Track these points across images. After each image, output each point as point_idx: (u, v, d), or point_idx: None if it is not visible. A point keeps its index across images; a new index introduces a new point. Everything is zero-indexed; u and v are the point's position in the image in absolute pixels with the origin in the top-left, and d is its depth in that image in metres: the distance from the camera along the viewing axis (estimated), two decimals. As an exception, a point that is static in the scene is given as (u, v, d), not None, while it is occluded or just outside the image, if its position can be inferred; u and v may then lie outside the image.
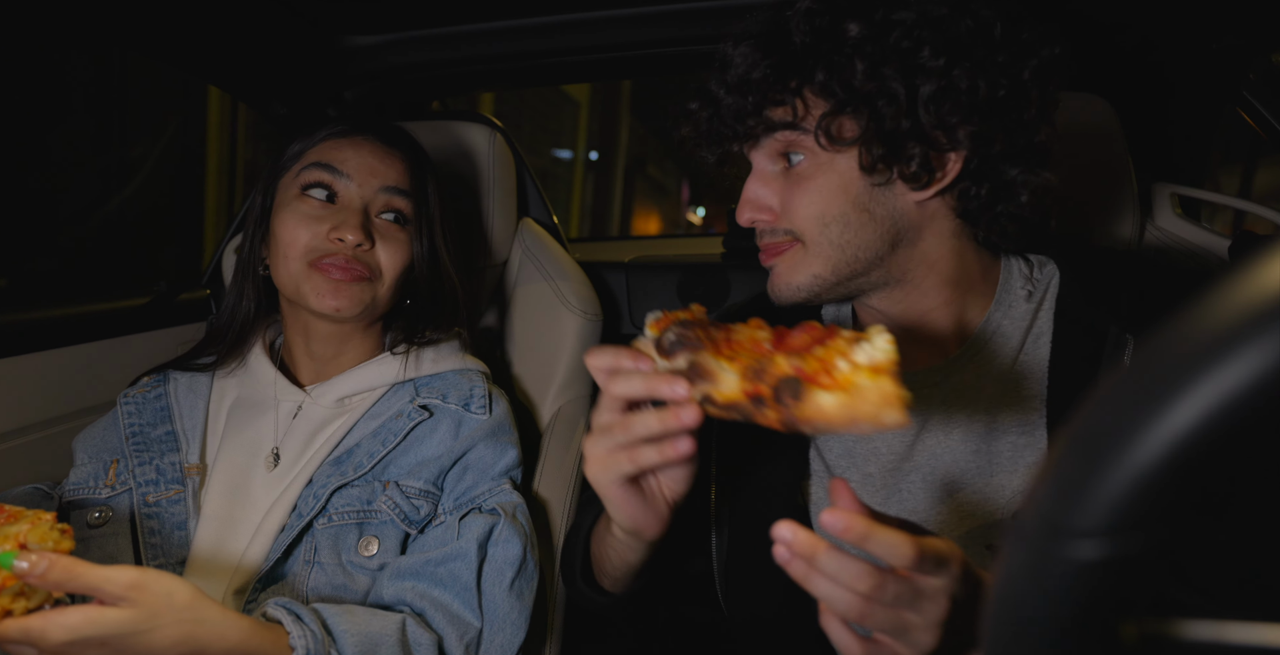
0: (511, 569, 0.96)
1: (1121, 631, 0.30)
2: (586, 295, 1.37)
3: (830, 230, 0.78)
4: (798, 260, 0.80)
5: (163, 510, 0.98)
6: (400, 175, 1.04)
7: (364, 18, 1.38)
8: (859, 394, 0.52)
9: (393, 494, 0.97)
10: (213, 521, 0.97)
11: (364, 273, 0.99)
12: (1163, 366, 0.25)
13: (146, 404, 1.06)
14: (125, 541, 0.96)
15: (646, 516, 0.71)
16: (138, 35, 1.21)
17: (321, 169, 1.01)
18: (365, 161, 1.02)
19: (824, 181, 0.77)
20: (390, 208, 1.03)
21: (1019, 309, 0.83)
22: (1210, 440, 0.24)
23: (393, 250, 1.02)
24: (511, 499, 1.02)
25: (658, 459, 0.63)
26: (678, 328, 0.61)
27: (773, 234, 0.81)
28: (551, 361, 1.33)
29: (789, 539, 0.53)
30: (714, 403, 0.58)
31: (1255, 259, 0.24)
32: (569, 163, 10.03)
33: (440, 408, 1.05)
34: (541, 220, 1.52)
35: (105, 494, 0.99)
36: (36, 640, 0.63)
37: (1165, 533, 0.26)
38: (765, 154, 0.81)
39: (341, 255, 0.98)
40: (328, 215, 0.99)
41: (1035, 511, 0.30)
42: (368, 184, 1.01)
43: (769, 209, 0.81)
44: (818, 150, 0.77)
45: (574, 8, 1.32)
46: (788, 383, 0.54)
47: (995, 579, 0.33)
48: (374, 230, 1.01)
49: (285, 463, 1.01)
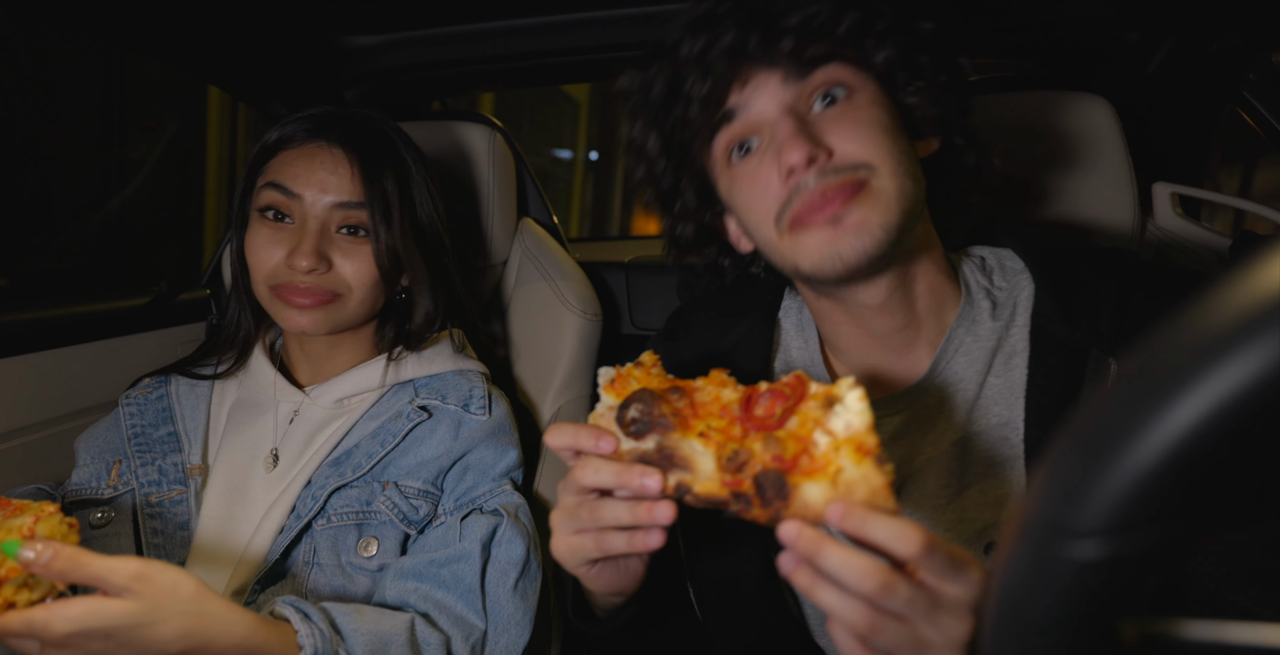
0: (515, 569, 0.95)
1: (1121, 631, 0.30)
2: (586, 295, 1.37)
3: (907, 158, 0.72)
4: (881, 195, 0.70)
5: (165, 510, 0.98)
6: (353, 185, 0.98)
7: (364, 18, 1.38)
8: (847, 488, 0.50)
9: (391, 494, 0.97)
10: (212, 521, 0.97)
11: (326, 297, 0.97)
12: (1163, 366, 0.25)
13: (148, 405, 1.06)
14: (128, 541, 0.96)
15: (622, 581, 0.69)
16: (138, 35, 1.21)
17: (275, 190, 0.98)
18: (316, 176, 0.98)
19: (883, 113, 0.73)
20: (346, 222, 0.99)
21: (984, 322, 0.79)
22: (1211, 440, 0.24)
23: (355, 265, 0.99)
24: (513, 500, 1.02)
25: (625, 549, 0.59)
26: (640, 405, 0.56)
27: (838, 172, 0.70)
28: (551, 362, 1.33)
29: (794, 536, 0.49)
30: (693, 494, 0.54)
31: (1255, 259, 0.24)
32: (569, 163, 10.02)
33: (439, 408, 1.05)
34: (541, 220, 1.52)
35: (108, 494, 0.99)
36: (39, 632, 0.62)
37: (1165, 533, 0.26)
38: (794, 96, 0.73)
39: (300, 284, 0.96)
40: (284, 237, 0.97)
41: (1035, 511, 0.30)
42: (319, 201, 0.97)
43: (822, 147, 0.71)
44: (862, 83, 0.73)
45: (574, 8, 1.32)
46: (770, 479, 0.51)
47: (995, 579, 0.33)
48: (332, 249, 0.98)
49: (284, 463, 1.01)
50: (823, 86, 0.73)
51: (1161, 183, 1.28)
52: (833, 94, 0.73)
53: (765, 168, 0.74)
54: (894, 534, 0.47)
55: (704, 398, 0.58)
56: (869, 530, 0.48)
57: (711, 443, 0.55)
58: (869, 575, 0.47)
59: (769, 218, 0.75)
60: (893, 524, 0.47)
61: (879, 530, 0.48)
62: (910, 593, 0.47)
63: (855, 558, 0.47)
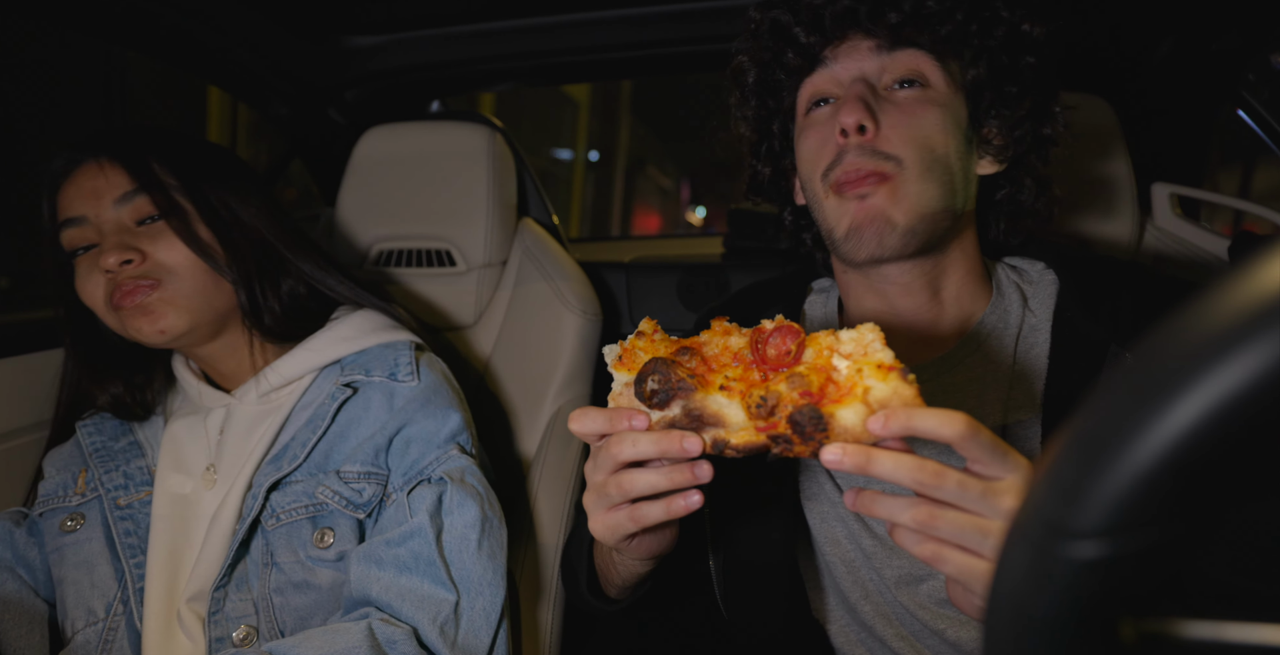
0: (475, 531, 0.94)
1: (1121, 631, 0.30)
2: (586, 295, 1.37)
3: (939, 165, 0.76)
4: (901, 191, 0.75)
5: (136, 512, 0.98)
6: (123, 178, 0.96)
7: (364, 18, 1.38)
8: (881, 404, 0.51)
9: (330, 482, 0.96)
10: (164, 524, 0.96)
11: (149, 284, 0.94)
12: (1162, 366, 0.25)
13: (104, 422, 1.06)
14: (100, 545, 0.96)
15: (658, 546, 0.71)
16: (138, 35, 1.21)
17: (66, 227, 0.96)
18: (85, 191, 0.95)
19: (941, 114, 0.76)
20: (137, 217, 0.96)
21: (1014, 314, 0.83)
22: (1210, 440, 0.24)
23: (165, 246, 0.95)
24: (459, 464, 0.99)
25: (664, 517, 0.60)
26: (656, 375, 0.56)
27: (873, 155, 0.75)
28: (551, 361, 1.33)
29: (839, 455, 0.51)
30: (732, 447, 0.55)
31: (1254, 259, 0.24)
32: (569, 163, 10.02)
33: (364, 382, 1.02)
34: (541, 220, 1.52)
35: (76, 501, 0.99)
36: None
37: (1164, 533, 0.27)
38: (876, 68, 0.78)
39: (120, 284, 0.93)
40: (99, 259, 0.94)
41: (1034, 511, 0.30)
42: (101, 209, 0.95)
43: (874, 121, 0.75)
44: (940, 84, 0.77)
45: (574, 8, 1.32)
46: (805, 415, 0.52)
47: (994, 578, 0.33)
48: (137, 241, 0.95)
49: (223, 475, 0.98)
50: (904, 71, 0.77)
51: (1161, 183, 1.28)
52: (910, 80, 0.77)
53: (828, 124, 0.79)
54: (940, 420, 0.49)
55: (713, 350, 0.60)
56: (915, 422, 0.50)
57: (735, 394, 0.55)
58: (920, 467, 0.50)
59: (818, 172, 0.80)
60: (936, 412, 0.50)
61: (925, 420, 0.50)
62: (961, 477, 0.50)
63: (904, 456, 0.51)
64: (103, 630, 0.92)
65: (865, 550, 0.82)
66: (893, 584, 0.80)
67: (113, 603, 0.93)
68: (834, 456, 0.51)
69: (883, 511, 0.53)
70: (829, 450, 0.51)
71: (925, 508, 0.51)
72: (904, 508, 0.52)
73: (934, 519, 0.51)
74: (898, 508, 0.52)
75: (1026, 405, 0.79)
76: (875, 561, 0.81)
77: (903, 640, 0.81)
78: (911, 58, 0.77)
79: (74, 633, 0.92)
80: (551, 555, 1.18)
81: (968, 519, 0.51)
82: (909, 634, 0.81)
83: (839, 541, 0.84)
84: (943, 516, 0.51)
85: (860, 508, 0.54)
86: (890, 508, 0.53)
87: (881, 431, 0.51)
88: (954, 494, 0.50)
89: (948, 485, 0.50)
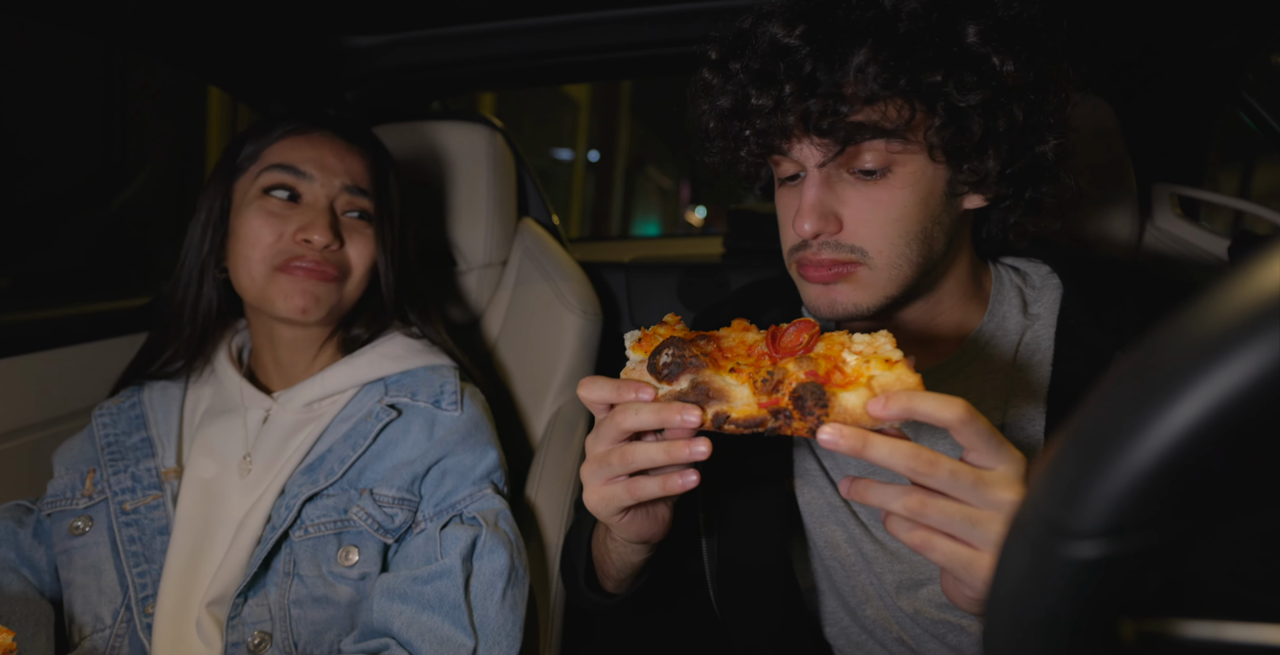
0: (501, 580, 0.94)
1: (1120, 631, 0.30)
2: (586, 295, 1.37)
3: (911, 249, 0.72)
4: (868, 281, 0.74)
5: (141, 517, 0.97)
6: (362, 172, 1.03)
7: (364, 18, 1.38)
8: (884, 389, 0.52)
9: (365, 504, 0.95)
10: (189, 528, 0.95)
11: (332, 273, 0.99)
12: (1162, 366, 0.25)
13: (121, 414, 1.05)
14: (106, 550, 0.95)
15: (651, 528, 0.71)
16: (138, 35, 1.21)
17: (282, 171, 0.99)
18: (325, 160, 1.00)
19: (911, 195, 0.71)
20: (354, 207, 1.02)
21: (1013, 320, 0.82)
22: (1210, 441, 0.24)
23: (360, 247, 1.02)
24: (493, 505, 1.00)
25: (659, 493, 0.61)
26: (671, 349, 0.58)
27: (836, 249, 0.73)
28: (551, 361, 1.33)
29: (835, 436, 0.51)
30: (731, 421, 0.56)
31: (1254, 259, 0.24)
32: (569, 163, 10.02)
33: (409, 406, 1.03)
34: (541, 220, 1.52)
35: (83, 504, 0.99)
36: None
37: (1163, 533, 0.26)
38: (838, 160, 0.72)
39: (309, 258, 0.97)
40: (293, 216, 0.98)
41: (1034, 511, 0.30)
42: (330, 183, 1.00)
43: (836, 220, 0.73)
44: (911, 161, 0.71)
45: (574, 8, 1.32)
46: (808, 390, 0.53)
47: (994, 578, 0.33)
48: (341, 228, 1.01)
49: (258, 469, 0.98)
50: (863, 163, 0.71)
51: (1161, 183, 1.28)
52: (871, 171, 0.72)
53: (794, 204, 0.76)
54: (940, 403, 0.50)
55: (730, 342, 0.62)
56: (915, 404, 0.51)
57: (744, 376, 0.57)
58: (915, 454, 0.51)
59: (786, 246, 0.80)
60: (935, 396, 0.51)
61: (924, 403, 0.51)
62: (954, 466, 0.51)
63: (900, 442, 0.51)
64: (110, 637, 0.92)
65: (865, 554, 0.82)
66: (893, 588, 0.80)
67: (120, 609, 0.93)
68: (830, 436, 0.52)
69: (875, 498, 0.54)
70: (825, 430, 0.52)
71: (917, 495, 0.52)
72: (896, 495, 0.53)
73: (924, 506, 0.52)
74: (890, 495, 0.53)
75: (1026, 412, 0.78)
76: (875, 566, 0.81)
77: (902, 644, 0.81)
78: (870, 150, 0.70)
79: (81, 638, 0.92)
80: (552, 555, 1.17)
81: (957, 508, 0.51)
82: (909, 638, 0.81)
83: (838, 544, 0.84)
84: (933, 504, 0.52)
85: (854, 495, 0.55)
86: (883, 495, 0.54)
87: (881, 413, 0.51)
88: (946, 482, 0.51)
89: (940, 473, 0.51)
